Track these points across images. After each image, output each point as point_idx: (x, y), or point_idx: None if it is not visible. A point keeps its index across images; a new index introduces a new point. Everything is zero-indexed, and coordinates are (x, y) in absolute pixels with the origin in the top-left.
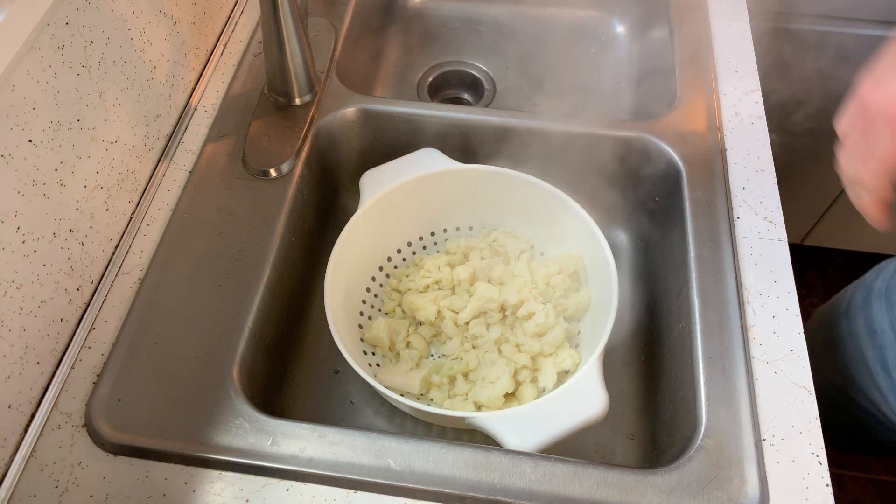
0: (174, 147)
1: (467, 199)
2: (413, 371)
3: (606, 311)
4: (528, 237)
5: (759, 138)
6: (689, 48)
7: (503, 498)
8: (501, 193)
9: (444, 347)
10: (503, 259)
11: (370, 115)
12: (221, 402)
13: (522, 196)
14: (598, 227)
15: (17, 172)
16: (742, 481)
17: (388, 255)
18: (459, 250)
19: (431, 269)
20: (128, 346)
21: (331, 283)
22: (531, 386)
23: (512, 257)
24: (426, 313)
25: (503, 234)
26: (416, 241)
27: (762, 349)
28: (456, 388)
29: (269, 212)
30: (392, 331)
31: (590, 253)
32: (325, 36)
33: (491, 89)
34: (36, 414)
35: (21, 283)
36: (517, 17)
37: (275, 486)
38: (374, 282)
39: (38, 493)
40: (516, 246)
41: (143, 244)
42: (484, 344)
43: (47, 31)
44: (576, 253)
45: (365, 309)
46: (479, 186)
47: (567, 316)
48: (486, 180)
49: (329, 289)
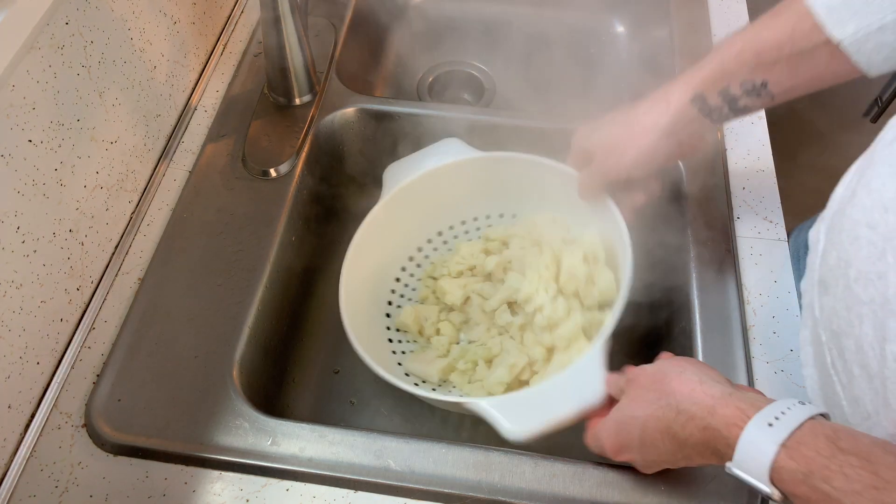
0: (174, 147)
1: (497, 186)
2: (438, 360)
3: (619, 301)
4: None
5: (759, 138)
6: (689, 48)
7: (503, 498)
8: (531, 180)
9: (471, 333)
10: (539, 249)
11: (370, 115)
12: (221, 402)
13: (550, 183)
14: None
15: (17, 172)
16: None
17: (418, 246)
18: (498, 238)
19: (466, 255)
20: (128, 346)
21: (348, 274)
22: (541, 378)
23: (546, 246)
24: (453, 297)
25: (543, 221)
26: (447, 230)
27: (762, 349)
28: (477, 373)
29: (269, 212)
30: (420, 317)
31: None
32: (325, 36)
33: (491, 89)
34: (36, 414)
35: (21, 283)
36: (517, 17)
37: (275, 486)
38: (405, 271)
39: (38, 493)
40: (556, 234)
41: (143, 244)
42: (508, 332)
43: (47, 31)
44: (600, 241)
45: (394, 298)
46: (506, 173)
47: (589, 305)
48: (515, 167)
49: (345, 280)
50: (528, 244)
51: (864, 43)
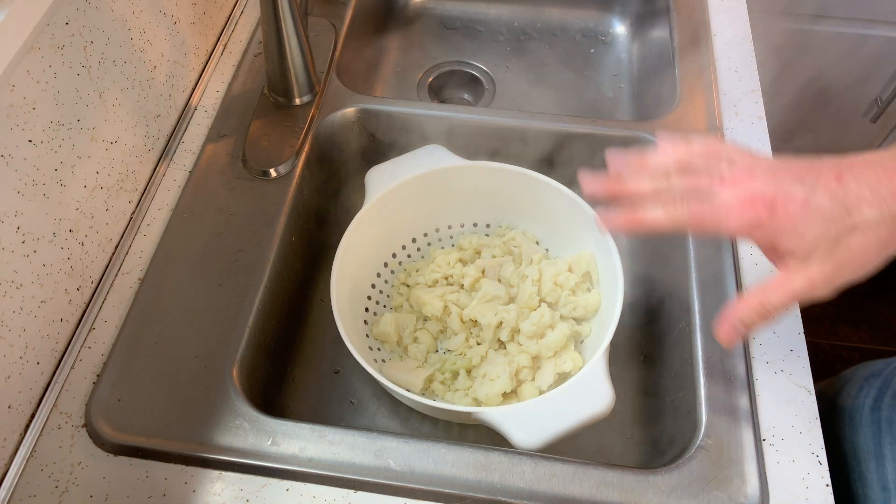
0: (174, 147)
1: (475, 195)
2: (418, 369)
3: (613, 311)
4: (541, 239)
5: (759, 138)
6: (689, 48)
7: (503, 498)
8: (510, 190)
9: (449, 343)
10: (515, 259)
11: (370, 115)
12: (221, 402)
13: (531, 194)
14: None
15: (17, 172)
16: (742, 481)
17: (393, 252)
18: (472, 247)
19: (442, 264)
20: (128, 346)
21: (337, 279)
22: (531, 385)
23: (524, 258)
24: (432, 308)
25: (519, 235)
26: (422, 237)
27: (762, 349)
28: (457, 383)
29: (269, 212)
30: (399, 326)
31: (598, 252)
32: (325, 36)
33: (491, 89)
34: (36, 414)
35: (21, 283)
36: (517, 17)
37: (275, 486)
38: (380, 277)
39: (38, 493)
40: (530, 248)
41: (143, 244)
42: (487, 341)
43: (47, 31)
44: (588, 253)
45: (370, 305)
46: (486, 183)
47: (576, 317)
48: (494, 177)
49: (335, 284)
50: (500, 254)
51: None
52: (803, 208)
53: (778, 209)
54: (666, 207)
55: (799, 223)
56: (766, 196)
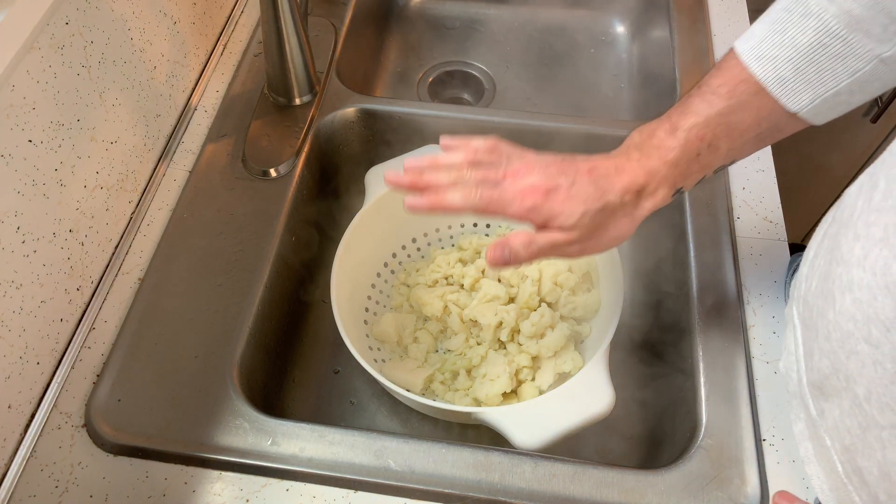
0: (174, 147)
1: None
2: (418, 369)
3: (614, 311)
4: None
5: None
6: (689, 48)
7: (503, 498)
8: None
9: (449, 343)
10: None
11: (370, 115)
12: (221, 402)
13: None
14: None
15: (17, 172)
16: (742, 481)
17: (393, 252)
18: (472, 247)
19: (442, 264)
20: (128, 346)
21: (337, 279)
22: (531, 385)
23: None
24: (432, 308)
25: None
26: (422, 237)
27: (762, 349)
28: (457, 383)
29: (269, 212)
30: (399, 326)
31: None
32: (325, 36)
33: (491, 89)
34: (36, 414)
35: (21, 283)
36: (517, 16)
37: (275, 486)
38: (380, 277)
39: (38, 493)
40: None
41: (143, 244)
42: (487, 341)
43: (47, 31)
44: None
45: (370, 305)
46: None
47: (577, 317)
48: None
49: (335, 284)
50: None
51: (821, 107)
52: (568, 194)
53: (550, 195)
54: (461, 192)
55: (566, 206)
56: (541, 186)
